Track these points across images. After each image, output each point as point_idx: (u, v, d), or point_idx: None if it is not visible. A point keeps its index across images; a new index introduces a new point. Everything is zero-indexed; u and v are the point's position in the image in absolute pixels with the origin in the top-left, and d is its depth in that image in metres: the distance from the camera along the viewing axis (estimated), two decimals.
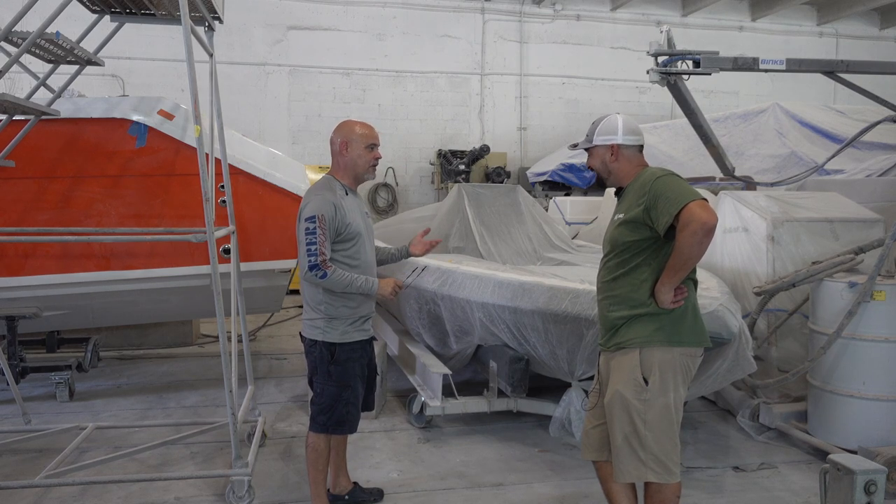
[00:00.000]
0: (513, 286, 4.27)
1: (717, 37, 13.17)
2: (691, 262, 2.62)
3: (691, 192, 2.60)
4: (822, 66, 5.45)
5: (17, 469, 4.14)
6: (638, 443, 2.71)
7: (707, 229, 2.53)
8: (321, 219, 3.14)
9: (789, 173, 7.22)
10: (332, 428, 3.35)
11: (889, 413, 4.06)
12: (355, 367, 3.35)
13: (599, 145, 2.91)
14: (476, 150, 11.70)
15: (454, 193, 6.90)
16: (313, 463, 3.40)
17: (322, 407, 3.33)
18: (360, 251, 3.32)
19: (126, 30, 4.32)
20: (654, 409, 2.70)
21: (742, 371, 4.03)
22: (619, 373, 2.77)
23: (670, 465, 2.72)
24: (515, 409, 4.72)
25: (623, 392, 2.73)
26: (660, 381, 2.71)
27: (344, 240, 3.25)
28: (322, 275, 3.14)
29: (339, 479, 3.71)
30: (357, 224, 3.29)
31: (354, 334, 3.33)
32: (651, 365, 2.71)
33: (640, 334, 2.73)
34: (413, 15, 12.33)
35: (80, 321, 5.68)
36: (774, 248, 4.88)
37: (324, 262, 3.14)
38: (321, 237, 3.13)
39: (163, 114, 4.92)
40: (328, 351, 3.30)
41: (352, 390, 3.34)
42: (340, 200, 3.24)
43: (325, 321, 3.29)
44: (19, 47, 3.42)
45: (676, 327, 2.74)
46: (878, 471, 2.95)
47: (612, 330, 2.83)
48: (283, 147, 11.23)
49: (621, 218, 2.80)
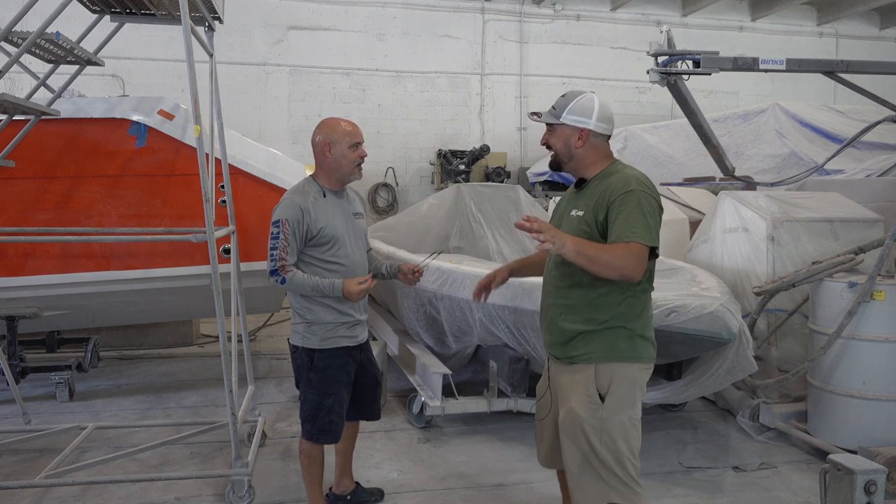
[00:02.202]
0: (513, 286, 4.26)
1: (717, 37, 13.15)
2: (594, 269, 2.39)
3: (645, 230, 2.41)
4: (822, 66, 5.45)
5: (17, 469, 4.14)
6: (598, 462, 2.51)
7: (620, 275, 2.38)
8: (284, 223, 3.11)
9: (789, 173, 7.21)
10: (315, 436, 3.27)
11: (889, 413, 4.06)
12: (338, 373, 3.25)
13: (567, 125, 2.60)
14: (476, 150, 11.69)
15: (452, 193, 6.89)
16: (307, 469, 3.35)
17: (306, 415, 3.28)
18: (341, 254, 3.23)
19: (126, 30, 4.32)
20: (612, 429, 2.51)
21: (743, 371, 4.03)
22: (573, 389, 2.58)
23: (632, 485, 2.53)
24: (515, 409, 4.72)
25: (577, 410, 2.53)
26: (617, 398, 2.53)
27: (318, 243, 3.18)
28: (281, 280, 3.12)
29: (343, 480, 3.68)
30: (333, 227, 3.21)
31: (336, 340, 3.24)
32: (607, 380, 2.53)
33: (597, 350, 2.55)
34: (413, 15, 12.32)
35: (80, 321, 5.68)
36: (774, 248, 4.88)
37: (282, 267, 3.11)
38: (283, 242, 3.11)
39: (163, 114, 4.91)
40: (308, 357, 3.24)
41: (334, 398, 3.24)
42: (312, 203, 3.18)
43: (305, 326, 3.24)
44: (19, 47, 3.42)
45: (634, 342, 2.56)
46: (878, 471, 2.95)
47: (564, 342, 2.63)
48: (283, 147, 11.21)
49: (580, 216, 2.59)
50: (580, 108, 2.59)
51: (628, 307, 2.57)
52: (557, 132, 2.63)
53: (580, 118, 2.58)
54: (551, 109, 2.65)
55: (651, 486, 3.90)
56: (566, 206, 2.74)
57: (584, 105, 2.59)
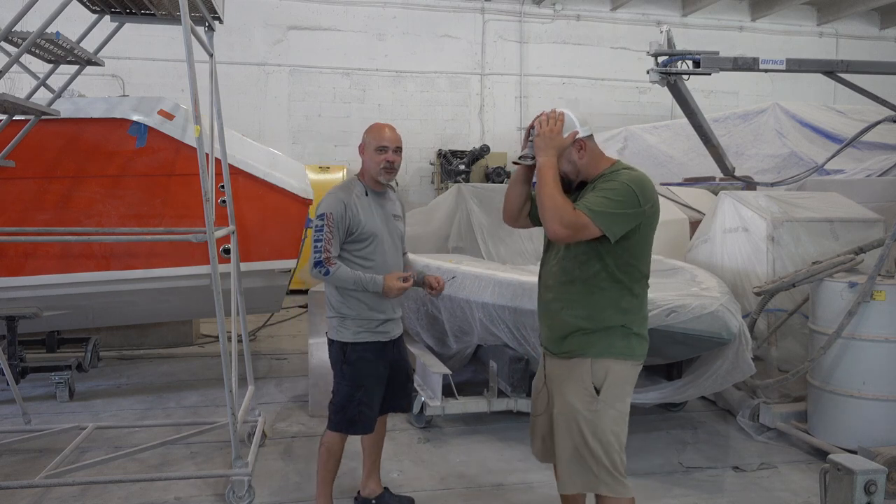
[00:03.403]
0: (513, 286, 4.27)
1: (717, 37, 13.16)
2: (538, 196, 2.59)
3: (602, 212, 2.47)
4: (822, 66, 5.45)
5: (17, 469, 4.14)
6: (589, 453, 2.58)
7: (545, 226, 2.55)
8: (329, 217, 3.20)
9: (789, 173, 7.21)
10: (344, 427, 3.34)
11: (889, 413, 4.06)
12: (370, 367, 3.31)
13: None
14: (476, 150, 11.71)
15: (453, 193, 6.90)
16: (324, 462, 3.39)
17: (336, 406, 3.34)
18: (376, 252, 3.30)
19: (126, 30, 4.32)
20: (604, 420, 2.57)
21: (741, 374, 4.03)
22: (569, 382, 2.64)
23: (619, 478, 2.59)
24: (515, 409, 4.72)
25: (573, 402, 2.60)
26: (612, 393, 2.59)
27: (357, 240, 3.26)
28: (325, 272, 3.18)
29: (369, 482, 3.64)
30: (372, 225, 3.28)
31: (368, 335, 3.30)
32: (603, 374, 2.59)
33: (595, 346, 2.61)
34: (413, 15, 12.33)
35: (80, 321, 5.68)
36: (774, 248, 4.88)
37: (328, 259, 3.17)
38: (328, 235, 3.18)
39: (163, 114, 4.91)
40: (341, 350, 3.31)
41: (365, 391, 3.31)
42: (355, 200, 3.27)
43: (339, 320, 3.31)
44: (19, 47, 3.42)
45: (630, 340, 2.62)
46: (878, 471, 2.95)
47: (562, 336, 2.67)
48: (283, 147, 11.22)
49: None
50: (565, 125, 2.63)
51: (627, 304, 2.62)
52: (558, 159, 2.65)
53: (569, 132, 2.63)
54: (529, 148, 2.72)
55: (651, 486, 3.91)
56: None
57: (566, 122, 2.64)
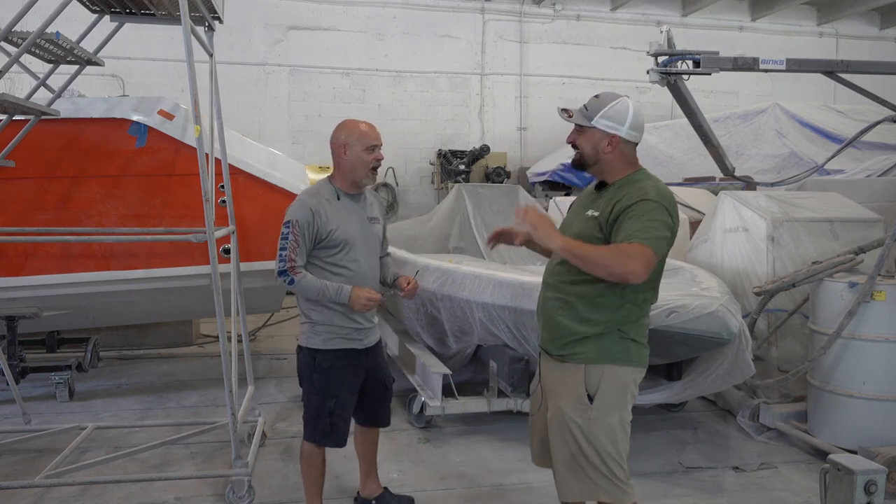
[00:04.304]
0: (513, 286, 4.26)
1: (717, 37, 13.15)
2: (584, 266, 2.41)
3: (647, 233, 2.36)
4: (822, 66, 5.45)
5: (17, 469, 4.14)
6: (586, 461, 2.51)
7: (608, 273, 2.36)
8: (294, 224, 3.07)
9: (789, 173, 7.22)
10: (318, 438, 3.23)
11: (889, 413, 4.06)
12: (341, 375, 3.19)
13: (598, 129, 2.53)
14: (476, 150, 11.69)
15: (454, 193, 6.91)
16: (307, 474, 3.30)
17: (307, 416, 3.24)
18: (349, 259, 3.16)
19: (126, 30, 4.32)
20: (600, 430, 2.50)
21: (741, 375, 4.03)
22: (563, 388, 2.57)
23: (621, 485, 2.52)
24: (515, 409, 4.71)
25: (566, 409, 2.53)
26: (606, 400, 2.51)
27: (327, 246, 3.12)
28: (289, 281, 3.07)
29: (368, 483, 3.59)
30: (344, 231, 3.13)
31: (340, 341, 3.18)
32: (596, 381, 2.51)
33: (589, 350, 2.53)
34: (413, 15, 12.32)
35: (80, 321, 5.68)
36: (774, 248, 4.88)
37: (292, 269, 3.06)
38: (293, 243, 3.06)
39: (163, 114, 4.91)
40: (311, 357, 3.19)
41: (337, 400, 3.18)
42: (324, 205, 3.12)
43: (310, 326, 3.19)
44: (19, 47, 3.42)
45: (626, 346, 2.54)
46: (878, 471, 2.95)
47: (558, 338, 2.61)
48: (283, 147, 11.21)
49: (595, 216, 2.54)
50: (614, 114, 2.53)
51: (626, 312, 2.54)
52: (587, 134, 2.56)
53: (612, 124, 2.52)
54: (583, 110, 2.58)
55: (651, 486, 3.91)
56: (582, 206, 2.70)
57: (618, 111, 2.53)
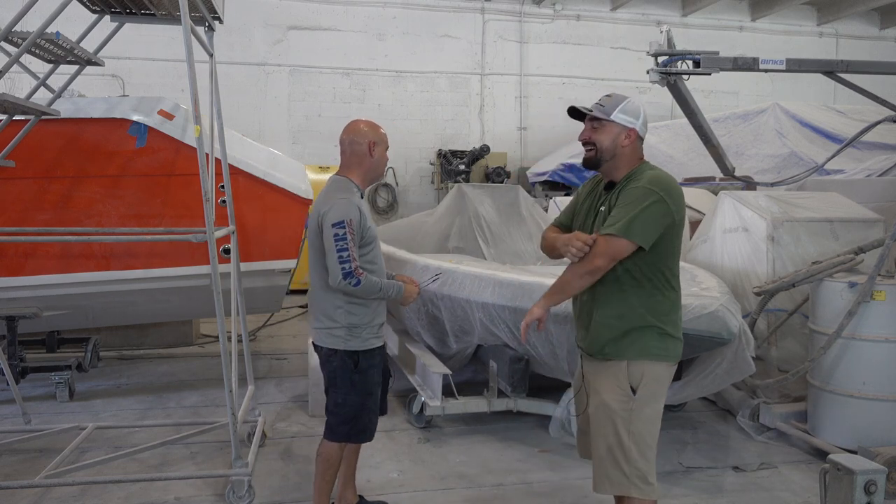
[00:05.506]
0: (513, 286, 4.26)
1: (717, 37, 13.16)
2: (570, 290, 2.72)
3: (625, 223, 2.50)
4: (822, 66, 5.46)
5: (17, 469, 4.14)
6: (622, 455, 2.61)
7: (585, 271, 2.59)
8: (350, 223, 3.01)
9: (789, 173, 7.22)
10: (354, 437, 3.28)
11: (889, 413, 4.06)
12: (376, 373, 3.28)
13: (618, 122, 2.65)
14: (476, 150, 11.70)
15: (454, 193, 6.91)
16: (322, 473, 3.31)
17: (345, 417, 3.21)
18: (377, 255, 3.24)
19: (126, 30, 4.32)
20: (640, 420, 2.62)
21: (741, 373, 4.03)
22: (606, 381, 2.68)
23: (651, 480, 2.63)
24: (515, 409, 4.72)
25: (609, 402, 2.64)
26: (648, 392, 2.63)
27: (364, 244, 3.14)
28: (356, 282, 3.00)
29: (346, 492, 3.60)
30: (373, 227, 3.21)
31: (374, 341, 3.24)
32: (640, 375, 2.63)
33: (630, 348, 2.63)
34: (413, 15, 12.32)
35: (80, 321, 5.68)
36: (774, 248, 4.88)
37: (356, 269, 3.00)
38: (351, 243, 3.00)
39: (163, 114, 4.92)
40: (351, 360, 3.17)
41: (373, 398, 3.28)
42: (361, 203, 3.17)
43: (347, 329, 3.16)
44: (19, 47, 3.42)
45: (665, 342, 2.65)
46: (878, 471, 2.95)
47: (597, 337, 2.70)
48: (283, 147, 11.22)
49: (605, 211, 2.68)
50: (631, 109, 2.67)
51: (658, 305, 2.64)
52: (606, 129, 2.67)
53: (630, 118, 2.66)
54: (599, 106, 2.69)
55: None
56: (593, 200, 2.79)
57: (633, 107, 2.68)
